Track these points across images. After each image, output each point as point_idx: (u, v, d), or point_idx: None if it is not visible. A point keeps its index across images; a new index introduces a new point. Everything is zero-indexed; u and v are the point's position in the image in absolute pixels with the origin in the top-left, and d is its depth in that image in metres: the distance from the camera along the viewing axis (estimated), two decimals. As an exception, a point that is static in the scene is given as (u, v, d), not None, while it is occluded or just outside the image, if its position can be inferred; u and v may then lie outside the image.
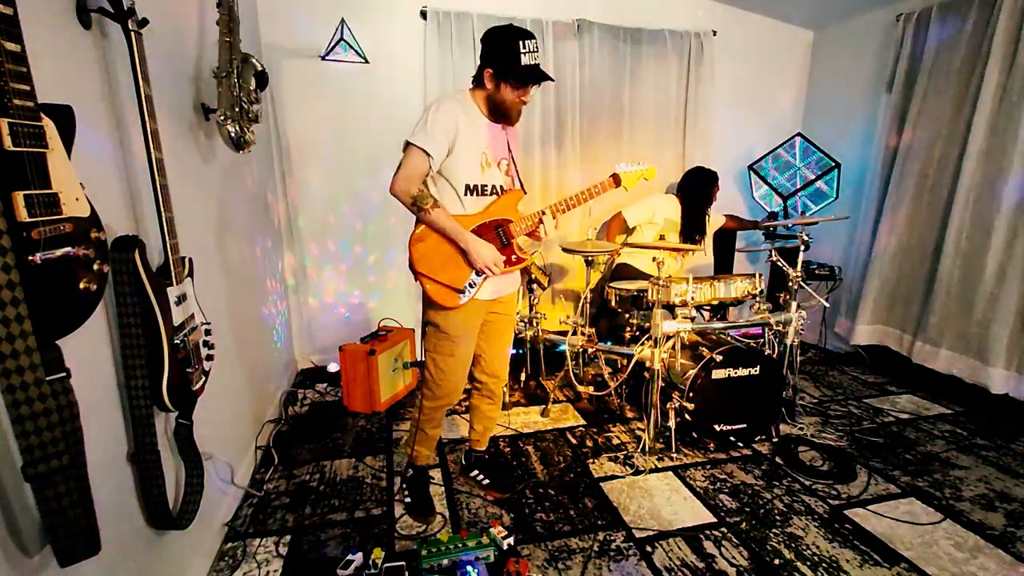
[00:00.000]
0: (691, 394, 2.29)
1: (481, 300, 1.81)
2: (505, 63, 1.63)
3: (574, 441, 2.50)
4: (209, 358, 1.49)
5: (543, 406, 2.82)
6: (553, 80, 1.78)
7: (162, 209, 1.29)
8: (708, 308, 2.77)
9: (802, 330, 2.51)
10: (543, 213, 1.81)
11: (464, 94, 1.75)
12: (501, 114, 1.72)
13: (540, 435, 2.56)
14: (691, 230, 3.09)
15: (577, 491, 2.10)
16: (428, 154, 1.63)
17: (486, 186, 1.76)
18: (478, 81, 1.72)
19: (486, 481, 2.10)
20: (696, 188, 3.13)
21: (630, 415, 2.75)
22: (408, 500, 1.99)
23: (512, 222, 1.80)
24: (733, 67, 3.67)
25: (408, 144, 1.65)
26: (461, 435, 2.52)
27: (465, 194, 1.72)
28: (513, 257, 1.81)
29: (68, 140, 0.95)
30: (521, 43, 1.61)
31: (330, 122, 3.12)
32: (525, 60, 1.62)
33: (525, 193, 1.85)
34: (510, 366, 3.09)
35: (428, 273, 1.72)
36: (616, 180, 1.87)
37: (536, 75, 1.66)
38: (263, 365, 2.57)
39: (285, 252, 3.22)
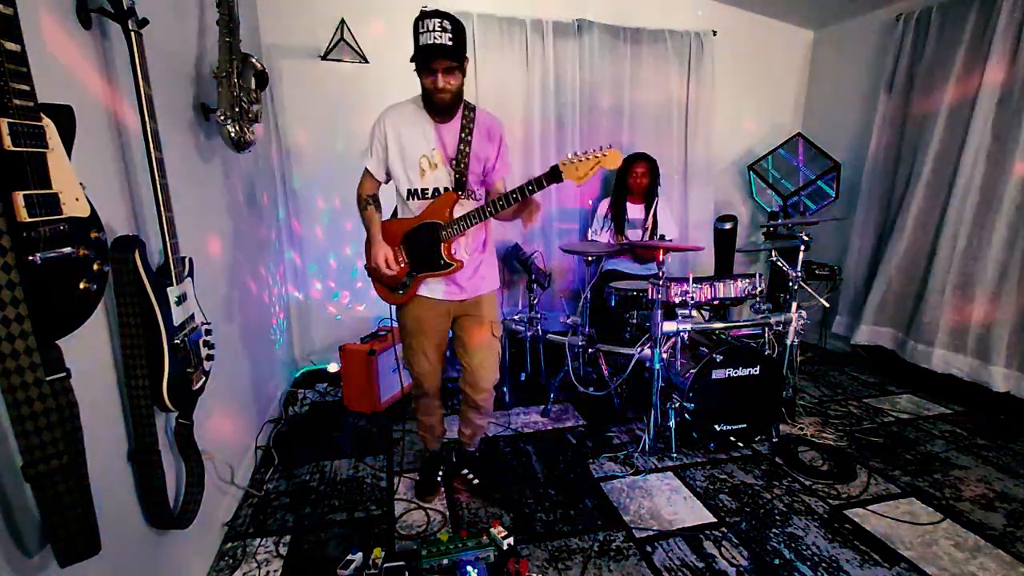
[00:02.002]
0: (691, 394, 2.29)
1: (432, 298, 1.82)
2: (415, 47, 1.55)
3: (574, 441, 2.50)
4: (209, 358, 1.49)
5: (543, 406, 2.82)
6: (456, 60, 1.55)
7: (162, 209, 1.29)
8: (708, 308, 2.77)
9: (802, 330, 2.51)
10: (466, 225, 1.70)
11: (414, 100, 1.72)
12: (430, 106, 1.64)
13: (540, 435, 2.56)
14: (618, 223, 3.13)
15: (577, 491, 2.10)
16: (368, 171, 1.76)
17: (427, 189, 1.73)
18: None
19: (476, 481, 2.09)
20: (616, 179, 3.18)
21: (630, 415, 2.75)
22: (418, 478, 2.13)
23: (439, 225, 1.72)
24: (733, 67, 3.67)
25: None
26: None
27: (408, 199, 1.75)
28: (441, 262, 1.74)
29: (68, 140, 0.95)
30: (422, 23, 1.51)
31: (330, 122, 3.12)
32: (423, 40, 1.51)
33: (459, 195, 1.71)
34: (510, 366, 3.12)
35: (372, 273, 1.85)
36: (554, 174, 1.57)
37: (432, 52, 1.50)
38: (263, 365, 2.57)
39: (285, 252, 3.22)
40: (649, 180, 3.13)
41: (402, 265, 1.78)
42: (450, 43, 1.51)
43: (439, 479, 2.12)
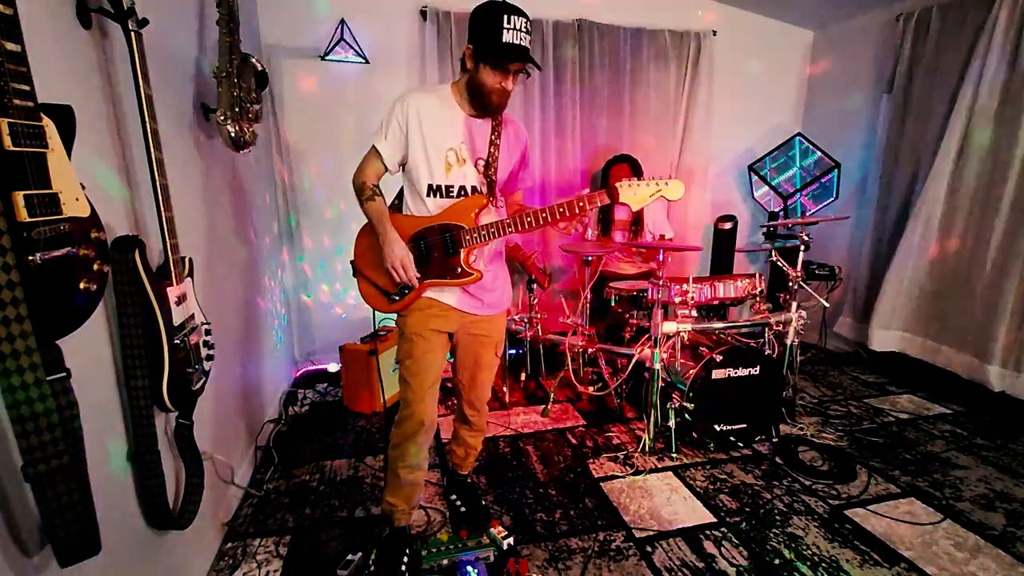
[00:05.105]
0: (691, 394, 2.29)
1: (442, 303, 1.62)
2: (486, 39, 1.43)
3: (574, 441, 2.50)
4: (209, 358, 1.49)
5: (543, 406, 2.82)
6: (539, 68, 1.52)
7: (162, 209, 1.29)
8: (708, 308, 2.77)
9: (802, 330, 2.51)
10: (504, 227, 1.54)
11: (443, 87, 1.59)
12: (480, 103, 1.52)
13: (540, 435, 2.56)
14: (604, 224, 3.19)
15: (577, 491, 2.09)
16: (379, 153, 1.56)
17: (452, 187, 1.56)
18: (463, 66, 1.54)
19: (463, 509, 1.96)
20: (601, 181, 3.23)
21: (630, 415, 2.75)
22: (372, 569, 1.66)
23: (463, 229, 1.55)
24: (733, 67, 3.67)
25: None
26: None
27: (428, 195, 1.57)
28: (459, 270, 1.57)
29: (68, 140, 0.95)
30: (506, 17, 1.39)
31: (330, 122, 3.12)
32: (507, 37, 1.40)
33: (489, 200, 1.59)
34: (510, 366, 3.12)
35: (364, 271, 1.65)
36: (610, 194, 1.52)
37: (517, 53, 1.42)
38: (263, 365, 2.57)
39: (285, 252, 3.22)
40: None
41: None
42: (529, 46, 1.44)
43: (404, 571, 1.62)
